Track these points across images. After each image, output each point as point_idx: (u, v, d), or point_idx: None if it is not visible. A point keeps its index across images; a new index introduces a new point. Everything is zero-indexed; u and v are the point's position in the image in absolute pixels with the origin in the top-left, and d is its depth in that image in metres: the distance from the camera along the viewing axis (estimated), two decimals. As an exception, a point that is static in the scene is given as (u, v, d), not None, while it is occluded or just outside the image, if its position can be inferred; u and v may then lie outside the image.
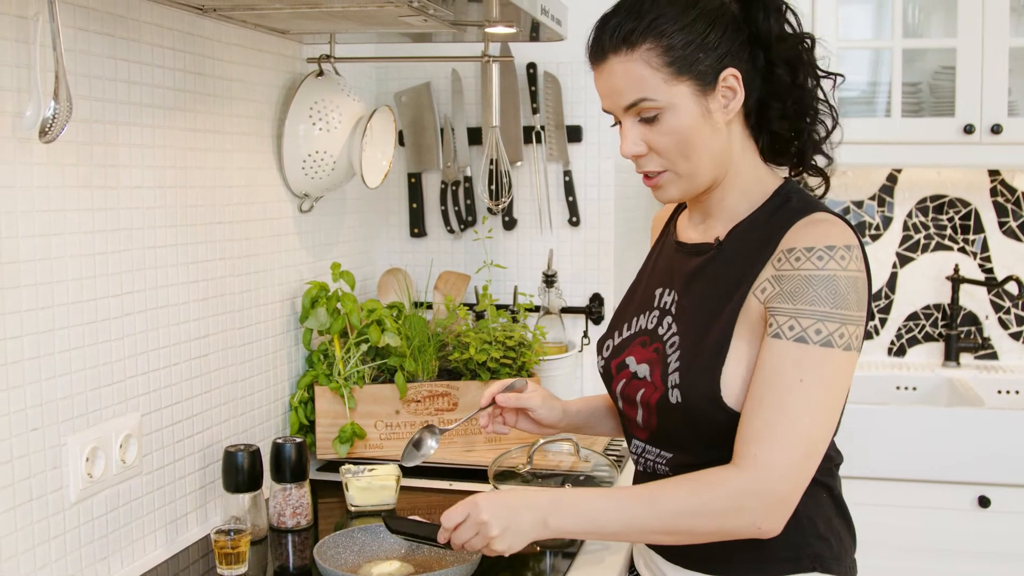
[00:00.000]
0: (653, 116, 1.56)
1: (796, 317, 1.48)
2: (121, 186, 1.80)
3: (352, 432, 2.38)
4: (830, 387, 1.48)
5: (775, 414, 1.47)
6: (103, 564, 1.79)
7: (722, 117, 1.58)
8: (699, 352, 1.58)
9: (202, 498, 2.08)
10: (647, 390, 1.65)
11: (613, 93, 1.59)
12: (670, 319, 1.67)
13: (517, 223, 2.89)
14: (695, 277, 1.66)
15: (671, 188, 1.63)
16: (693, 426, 1.58)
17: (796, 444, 1.46)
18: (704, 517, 1.50)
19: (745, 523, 1.48)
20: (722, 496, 1.48)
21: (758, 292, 1.54)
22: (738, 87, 1.56)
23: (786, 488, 1.47)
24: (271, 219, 2.32)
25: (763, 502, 1.47)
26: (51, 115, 1.47)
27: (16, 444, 1.59)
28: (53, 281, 1.65)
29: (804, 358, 1.47)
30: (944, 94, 3.28)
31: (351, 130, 2.37)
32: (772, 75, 1.59)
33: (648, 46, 1.53)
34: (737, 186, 1.64)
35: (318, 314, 2.39)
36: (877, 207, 3.64)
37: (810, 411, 1.47)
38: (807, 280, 1.49)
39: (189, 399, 2.02)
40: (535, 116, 2.83)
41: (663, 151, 1.59)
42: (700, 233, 1.70)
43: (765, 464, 1.46)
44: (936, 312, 3.64)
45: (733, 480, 1.48)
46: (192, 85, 2.01)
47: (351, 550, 1.83)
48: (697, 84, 1.55)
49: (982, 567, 3.02)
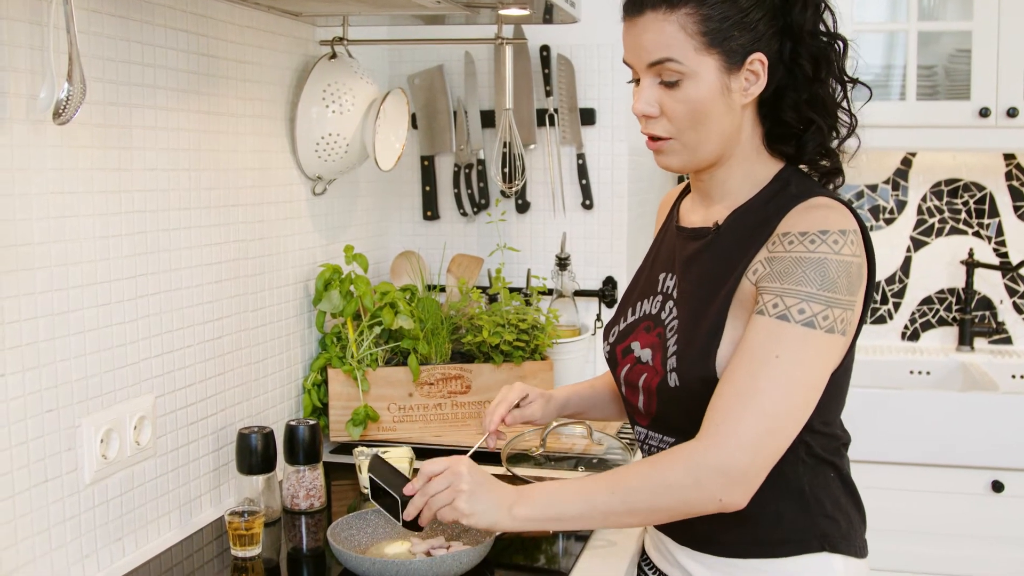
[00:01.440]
0: (675, 81, 1.55)
1: (781, 296, 1.48)
2: (135, 168, 1.80)
3: (365, 414, 2.39)
4: (806, 367, 1.47)
5: (744, 387, 1.46)
6: (117, 545, 1.80)
7: (740, 98, 1.57)
8: (695, 335, 1.58)
9: (216, 480, 2.08)
10: (648, 375, 1.65)
11: (640, 48, 1.58)
12: (671, 303, 1.67)
13: (530, 206, 2.88)
14: (693, 261, 1.66)
15: (673, 157, 1.63)
16: (691, 409, 1.58)
17: (760, 418, 1.45)
18: (663, 493, 1.49)
19: (705, 497, 1.47)
20: (680, 470, 1.47)
21: (750, 274, 1.54)
22: (762, 73, 1.56)
23: (745, 461, 1.45)
24: (284, 202, 2.32)
25: (722, 475, 1.45)
26: (65, 97, 1.47)
27: (31, 425, 1.59)
28: (67, 263, 1.65)
29: (783, 335, 1.46)
30: (960, 77, 3.26)
31: (364, 113, 2.37)
32: (795, 66, 1.58)
33: (688, 10, 1.53)
34: (741, 169, 1.64)
35: (331, 297, 2.39)
36: (891, 191, 3.63)
37: (780, 388, 1.45)
38: (797, 261, 1.49)
39: (203, 381, 2.03)
40: (548, 99, 2.82)
41: (674, 118, 1.58)
42: (701, 217, 1.70)
43: (725, 436, 1.45)
44: (950, 296, 3.63)
45: (692, 453, 1.47)
46: (205, 67, 2.00)
47: (364, 531, 1.83)
48: (725, 60, 1.54)
49: (995, 551, 3.01)
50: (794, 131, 1.62)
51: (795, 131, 1.62)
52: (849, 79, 1.64)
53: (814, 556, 1.61)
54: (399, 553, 1.79)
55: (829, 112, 1.61)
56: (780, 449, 1.48)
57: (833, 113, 1.62)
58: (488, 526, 1.58)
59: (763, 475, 1.48)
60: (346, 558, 1.70)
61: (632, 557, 1.85)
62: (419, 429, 2.46)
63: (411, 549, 1.79)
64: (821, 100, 1.60)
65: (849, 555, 1.63)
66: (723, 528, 1.62)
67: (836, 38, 1.61)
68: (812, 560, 1.61)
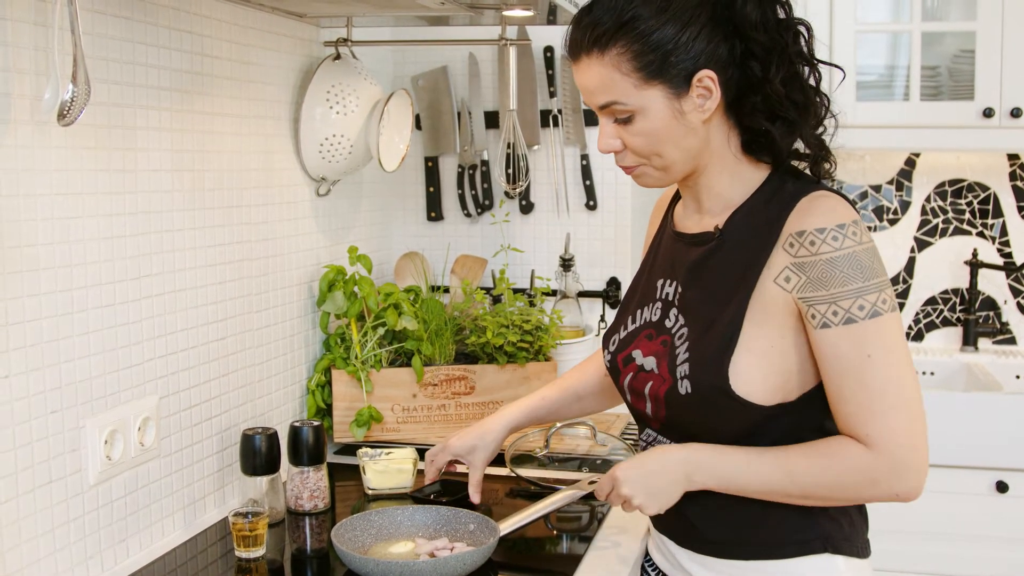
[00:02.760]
0: (626, 117, 1.55)
1: (835, 302, 1.48)
2: (139, 169, 1.81)
3: (369, 415, 2.39)
4: (895, 349, 1.49)
5: (862, 395, 1.48)
6: (121, 546, 1.80)
7: (697, 117, 1.55)
8: (708, 343, 1.57)
9: (220, 481, 2.09)
10: (655, 383, 1.64)
11: (587, 92, 1.58)
12: (675, 311, 1.66)
13: (534, 207, 2.88)
14: (699, 267, 1.64)
15: (648, 179, 1.64)
16: (704, 416, 1.58)
17: (900, 412, 1.48)
18: (840, 489, 1.53)
19: (881, 492, 1.52)
20: (853, 472, 1.51)
21: (780, 281, 1.53)
22: (714, 87, 1.53)
23: (906, 453, 1.49)
24: (288, 203, 2.32)
25: (892, 473, 1.49)
26: (69, 98, 1.47)
27: (35, 426, 1.59)
28: (71, 264, 1.65)
29: (860, 336, 1.48)
30: (963, 78, 3.26)
31: (368, 114, 2.37)
32: (745, 67, 1.55)
33: (619, 50, 1.51)
34: (725, 174, 1.62)
35: (335, 298, 2.39)
36: (895, 191, 3.63)
37: (891, 378, 1.48)
38: (831, 263, 1.48)
39: (207, 382, 2.03)
40: (552, 100, 2.82)
41: (636, 149, 1.58)
42: (696, 222, 1.69)
43: (878, 441, 1.48)
44: (954, 297, 3.62)
45: (858, 458, 1.50)
46: (209, 68, 2.01)
47: (368, 532, 1.84)
48: (669, 87, 1.52)
49: (1000, 552, 3.01)
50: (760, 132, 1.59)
51: (761, 132, 1.59)
52: (817, 61, 1.59)
53: (817, 557, 1.61)
54: (402, 554, 1.80)
55: (789, 106, 1.56)
56: (925, 425, 1.52)
57: (797, 105, 1.57)
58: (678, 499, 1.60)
59: (927, 456, 1.52)
60: (349, 559, 1.70)
61: (636, 559, 1.85)
62: (423, 430, 2.46)
63: (415, 550, 1.79)
64: (776, 98, 1.55)
65: (852, 556, 1.63)
66: (726, 531, 1.62)
67: (791, 24, 1.56)
68: (815, 561, 1.61)
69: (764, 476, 1.54)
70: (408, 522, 1.87)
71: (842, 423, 1.52)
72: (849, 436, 1.51)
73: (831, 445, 1.53)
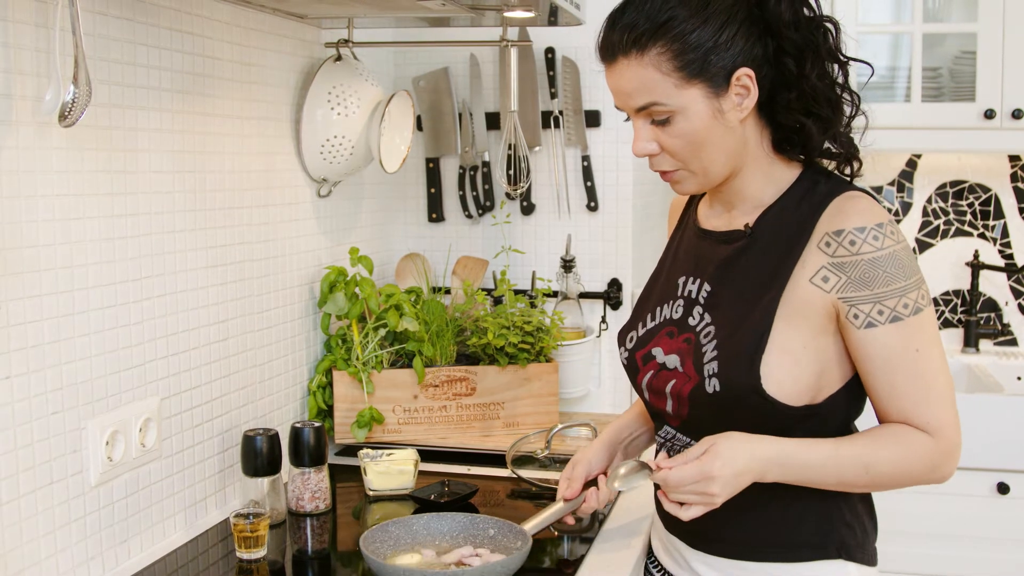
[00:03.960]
0: (664, 119, 1.55)
1: (880, 301, 1.50)
2: (140, 171, 1.81)
3: (370, 417, 2.39)
4: (936, 341, 1.54)
5: (916, 388, 1.53)
6: (123, 547, 1.80)
7: (735, 116, 1.55)
8: (738, 341, 1.56)
9: (221, 482, 2.08)
10: (678, 380, 1.63)
11: (623, 94, 1.57)
12: (700, 309, 1.65)
13: (535, 208, 2.88)
14: (728, 265, 1.64)
15: (687, 184, 1.63)
16: (729, 415, 1.57)
17: (947, 400, 1.54)
18: (905, 476, 1.57)
19: (936, 476, 1.57)
20: (921, 459, 1.54)
21: (817, 280, 1.53)
22: (752, 86, 1.54)
23: (959, 437, 1.56)
24: (289, 204, 2.32)
25: (947, 456, 1.55)
26: (71, 99, 1.47)
27: (36, 427, 1.59)
28: (73, 265, 1.65)
29: (907, 333, 1.51)
30: (964, 79, 3.26)
31: (369, 115, 2.37)
32: (780, 64, 1.56)
33: (659, 50, 1.51)
34: (758, 174, 1.63)
35: (336, 299, 2.39)
36: (896, 192, 3.63)
37: (938, 368, 1.54)
38: (873, 263, 1.50)
39: (208, 383, 2.03)
40: (553, 101, 2.82)
41: (675, 152, 1.57)
42: (725, 221, 1.69)
43: (938, 428, 1.53)
44: (955, 298, 3.62)
45: (924, 446, 1.54)
46: (210, 70, 2.01)
47: (386, 543, 1.78)
48: (709, 86, 1.52)
49: (1001, 553, 3.01)
50: (793, 129, 1.60)
51: (795, 131, 1.60)
52: (845, 58, 1.60)
53: (831, 563, 1.61)
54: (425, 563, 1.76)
55: (823, 102, 1.58)
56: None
57: (831, 102, 1.59)
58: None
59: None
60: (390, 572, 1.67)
61: (639, 559, 1.85)
62: (424, 431, 2.46)
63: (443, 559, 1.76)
64: (811, 94, 1.57)
65: (863, 563, 1.63)
66: (742, 532, 1.61)
67: (820, 22, 1.58)
68: (828, 567, 1.61)
69: (842, 470, 1.55)
70: (424, 531, 1.83)
71: (896, 415, 1.55)
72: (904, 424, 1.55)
73: (899, 434, 1.55)
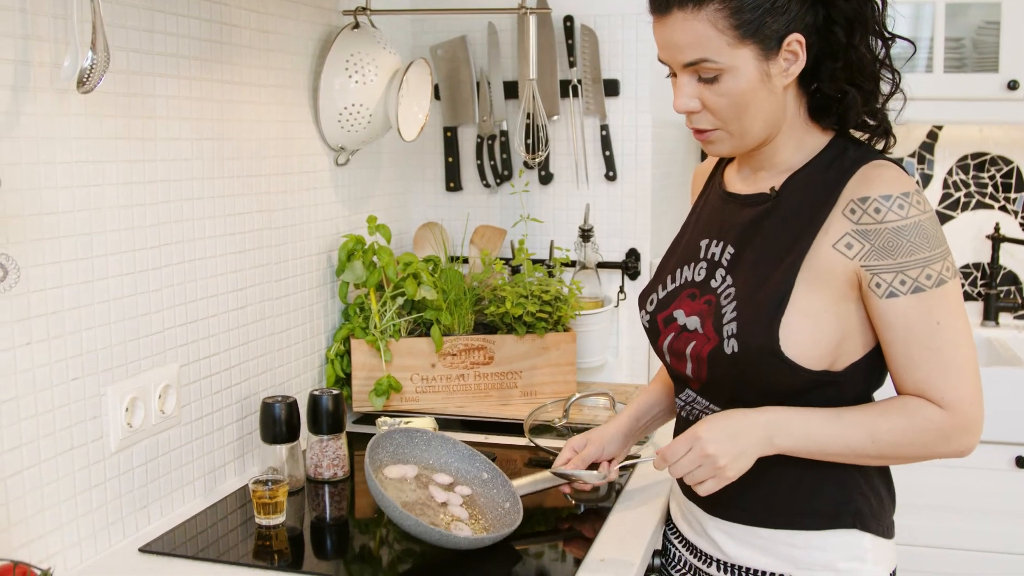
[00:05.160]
0: (712, 77, 1.53)
1: (903, 271, 1.49)
2: (159, 138, 1.81)
3: (388, 385, 2.39)
4: (959, 314, 1.53)
5: (934, 361, 1.52)
6: (143, 513, 1.81)
7: (780, 81, 1.54)
8: (757, 303, 1.56)
9: (240, 449, 2.09)
10: (698, 342, 1.63)
11: (673, 48, 1.55)
12: (723, 271, 1.65)
13: (553, 177, 2.87)
14: (752, 228, 1.64)
15: (722, 145, 1.62)
16: (747, 377, 1.58)
17: (967, 374, 1.53)
18: (915, 448, 1.55)
19: (951, 449, 1.55)
20: (930, 432, 1.53)
21: (840, 247, 1.52)
22: (801, 52, 1.53)
23: (977, 412, 1.53)
24: (307, 172, 2.32)
25: (963, 430, 1.53)
26: (89, 66, 1.47)
27: (57, 393, 1.60)
28: (92, 232, 1.66)
29: (929, 304, 1.50)
30: (987, 49, 3.23)
31: (387, 83, 2.36)
32: (829, 33, 1.55)
33: (717, 6, 1.49)
34: (791, 141, 1.62)
35: (354, 267, 2.40)
36: (917, 164, 3.60)
37: (959, 342, 1.52)
38: (897, 232, 1.49)
39: (227, 350, 2.04)
40: (572, 70, 2.81)
41: (717, 111, 1.56)
42: (750, 184, 1.68)
43: (953, 402, 1.52)
44: (975, 271, 3.60)
45: (934, 418, 1.53)
46: (229, 37, 2.00)
47: (387, 450, 1.87)
48: (761, 48, 1.51)
49: (1019, 527, 3.00)
50: (834, 99, 1.60)
51: (835, 99, 1.60)
52: (889, 35, 1.60)
53: (845, 532, 1.61)
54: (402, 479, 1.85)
55: (867, 75, 1.58)
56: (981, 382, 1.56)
57: (872, 75, 1.59)
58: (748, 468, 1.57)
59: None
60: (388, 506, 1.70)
61: (656, 525, 1.85)
62: (442, 400, 2.46)
63: (424, 480, 1.85)
64: (857, 65, 1.56)
65: (878, 535, 1.63)
66: (758, 499, 1.61)
67: None
68: (842, 536, 1.61)
69: (847, 437, 1.55)
70: (425, 452, 1.89)
71: (911, 387, 1.54)
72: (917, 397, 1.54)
73: (908, 406, 1.54)
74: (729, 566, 1.70)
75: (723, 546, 1.70)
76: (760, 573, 1.66)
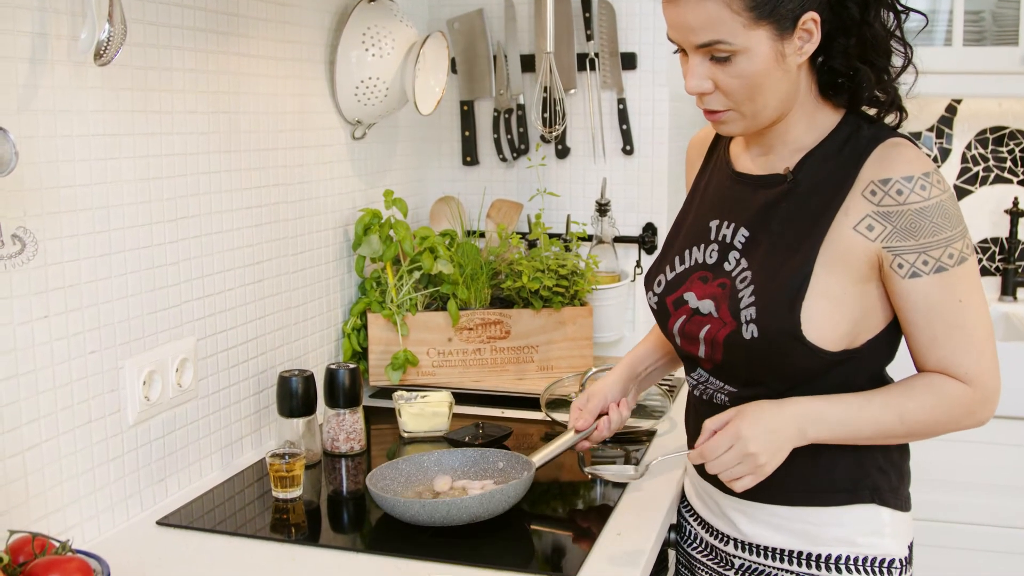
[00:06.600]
0: (725, 57, 1.50)
1: (926, 251, 1.49)
2: (175, 111, 1.80)
3: (405, 359, 2.39)
4: (978, 289, 1.54)
5: (957, 338, 1.53)
6: (160, 486, 1.82)
7: (794, 61, 1.52)
8: (777, 287, 1.55)
9: (257, 422, 2.10)
10: (713, 326, 1.62)
11: (685, 29, 1.52)
12: (736, 254, 1.63)
13: (570, 151, 2.86)
14: (768, 211, 1.61)
15: (733, 125, 1.60)
16: (766, 361, 1.57)
17: (988, 348, 1.54)
18: (941, 425, 1.57)
19: (973, 421, 1.57)
20: (956, 407, 1.55)
21: (861, 229, 1.51)
22: (815, 30, 1.50)
23: (997, 383, 1.56)
24: (324, 146, 2.31)
25: (985, 403, 1.56)
26: (106, 38, 1.46)
27: (75, 367, 1.61)
28: (109, 205, 1.66)
29: (951, 283, 1.51)
30: (1007, 22, 3.20)
31: (404, 56, 2.35)
32: (843, 9, 1.53)
33: None
34: (803, 119, 1.60)
35: (371, 241, 2.39)
36: (935, 138, 3.58)
37: (979, 317, 1.54)
38: (920, 213, 1.48)
39: (244, 324, 2.04)
40: (589, 43, 2.79)
41: (730, 92, 1.54)
42: (761, 164, 1.66)
43: (976, 377, 1.53)
44: (993, 246, 3.58)
45: (962, 395, 1.54)
46: (245, 10, 1.99)
47: (397, 480, 1.83)
48: (776, 29, 1.48)
49: (1036, 502, 3.00)
50: (845, 75, 1.58)
51: (846, 77, 1.58)
52: (903, 8, 1.57)
53: (863, 507, 1.61)
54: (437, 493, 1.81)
55: (880, 52, 1.56)
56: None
57: (884, 51, 1.57)
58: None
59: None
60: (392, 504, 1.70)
61: (672, 503, 1.85)
62: (458, 374, 2.46)
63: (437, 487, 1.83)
64: (871, 42, 1.54)
65: (896, 509, 1.63)
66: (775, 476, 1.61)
67: None
68: (861, 510, 1.61)
69: (877, 421, 1.55)
70: (435, 467, 1.88)
71: (934, 364, 1.55)
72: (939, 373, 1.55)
73: (933, 383, 1.55)
74: (746, 544, 1.69)
75: (740, 525, 1.69)
76: (778, 551, 1.66)
